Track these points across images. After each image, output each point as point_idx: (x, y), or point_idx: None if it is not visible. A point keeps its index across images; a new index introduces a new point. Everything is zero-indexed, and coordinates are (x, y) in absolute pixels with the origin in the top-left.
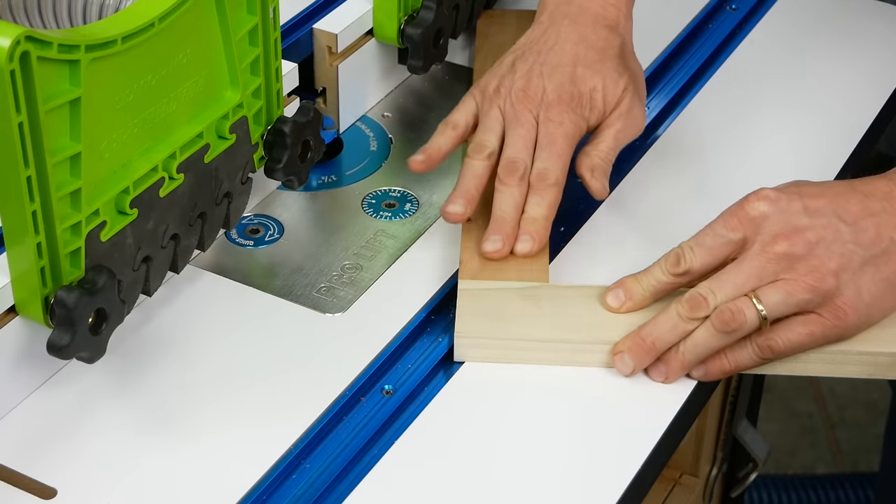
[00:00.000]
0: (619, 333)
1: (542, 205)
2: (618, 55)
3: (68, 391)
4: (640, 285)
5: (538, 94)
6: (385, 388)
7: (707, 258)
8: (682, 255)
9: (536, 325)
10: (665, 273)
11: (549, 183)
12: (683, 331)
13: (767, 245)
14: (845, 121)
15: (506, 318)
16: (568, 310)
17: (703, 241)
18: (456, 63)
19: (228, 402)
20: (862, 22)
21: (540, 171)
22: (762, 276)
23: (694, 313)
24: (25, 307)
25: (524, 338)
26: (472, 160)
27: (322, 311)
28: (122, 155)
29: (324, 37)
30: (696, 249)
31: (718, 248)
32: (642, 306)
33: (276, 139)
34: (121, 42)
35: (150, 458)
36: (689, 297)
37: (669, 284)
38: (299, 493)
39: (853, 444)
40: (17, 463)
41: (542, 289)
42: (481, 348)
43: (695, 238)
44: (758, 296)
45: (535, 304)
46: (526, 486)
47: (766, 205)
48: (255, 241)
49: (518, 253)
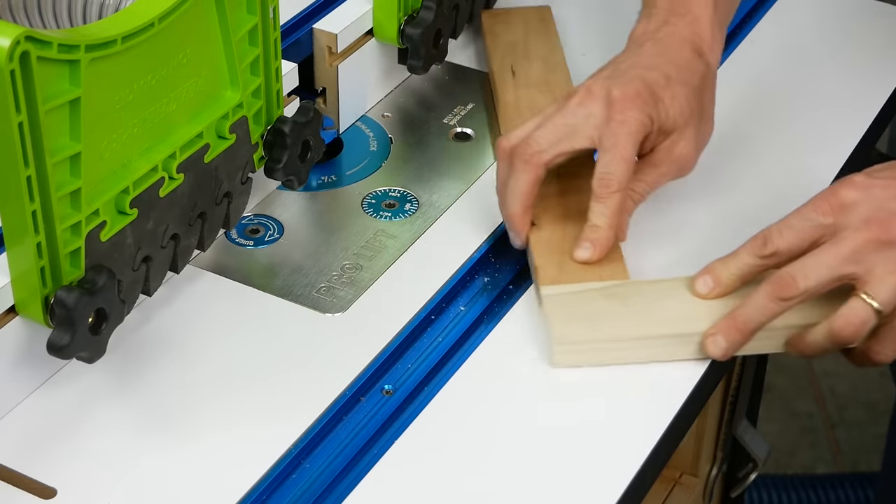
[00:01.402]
0: (711, 322)
1: (604, 213)
2: (698, 83)
3: (68, 391)
4: (727, 270)
5: (602, 94)
6: (385, 388)
7: (795, 240)
8: (770, 238)
9: (629, 324)
10: (752, 256)
11: (611, 190)
12: (771, 311)
13: (860, 229)
14: (845, 121)
15: (598, 320)
16: (656, 304)
17: (792, 223)
18: (456, 63)
19: (228, 402)
20: (862, 22)
21: (602, 176)
22: (856, 260)
23: (783, 293)
24: (25, 307)
25: (619, 338)
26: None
27: (322, 311)
28: (122, 155)
29: (324, 37)
30: (784, 231)
31: (807, 230)
32: (731, 291)
33: (276, 139)
34: (121, 42)
35: (150, 457)
36: (777, 278)
37: (757, 267)
38: (299, 493)
39: (853, 444)
40: (17, 463)
41: (625, 286)
42: (578, 353)
43: (783, 220)
44: (866, 292)
45: (622, 303)
46: (526, 486)
47: (858, 191)
48: (255, 241)
49: (577, 259)
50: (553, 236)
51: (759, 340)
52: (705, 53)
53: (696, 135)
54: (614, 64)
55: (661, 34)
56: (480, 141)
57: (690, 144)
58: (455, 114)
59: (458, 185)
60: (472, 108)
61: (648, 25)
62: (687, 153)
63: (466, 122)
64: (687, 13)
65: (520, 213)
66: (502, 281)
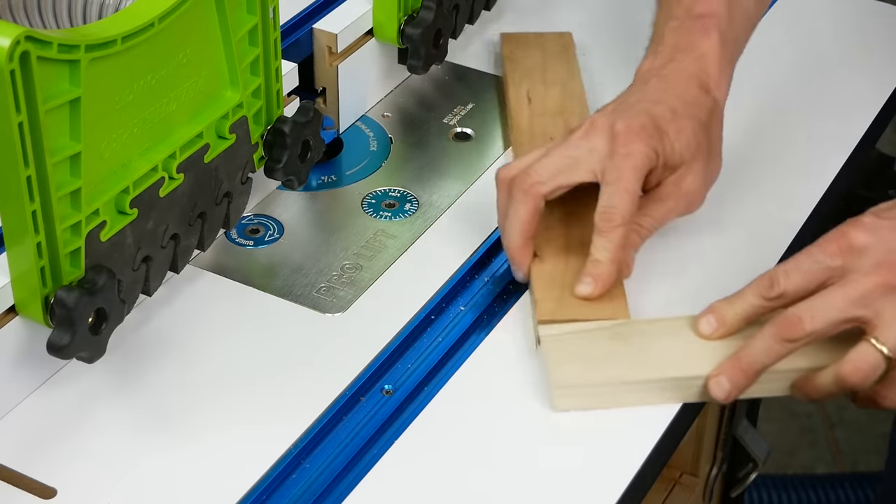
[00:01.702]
0: (715, 364)
1: (607, 248)
2: (705, 118)
3: (68, 391)
4: (732, 310)
5: (606, 127)
6: (385, 388)
7: (802, 282)
8: (776, 279)
9: (630, 367)
10: (757, 297)
11: (614, 224)
12: (777, 353)
13: (870, 273)
14: (845, 121)
15: (599, 363)
16: (658, 345)
17: (800, 265)
18: (456, 63)
19: (228, 402)
20: (862, 22)
21: (605, 209)
22: (864, 304)
23: (789, 334)
24: (25, 307)
25: (622, 381)
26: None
27: (322, 311)
28: (122, 155)
29: (324, 37)
30: (792, 274)
31: (815, 273)
32: (735, 331)
33: (276, 139)
34: (121, 42)
35: (150, 457)
36: (783, 319)
37: (762, 308)
38: (299, 493)
39: (853, 444)
40: (17, 463)
41: (626, 325)
42: (579, 397)
43: (790, 262)
44: (875, 338)
45: (624, 343)
46: (526, 486)
47: (868, 234)
48: (255, 241)
49: (578, 295)
50: (555, 269)
51: (763, 383)
52: (712, 90)
53: (704, 170)
54: (620, 99)
55: (666, 70)
56: (480, 141)
57: (699, 179)
58: (455, 114)
59: (458, 185)
60: (472, 108)
61: (654, 62)
62: (695, 188)
63: (466, 122)
64: (693, 49)
65: (520, 244)
66: (502, 281)
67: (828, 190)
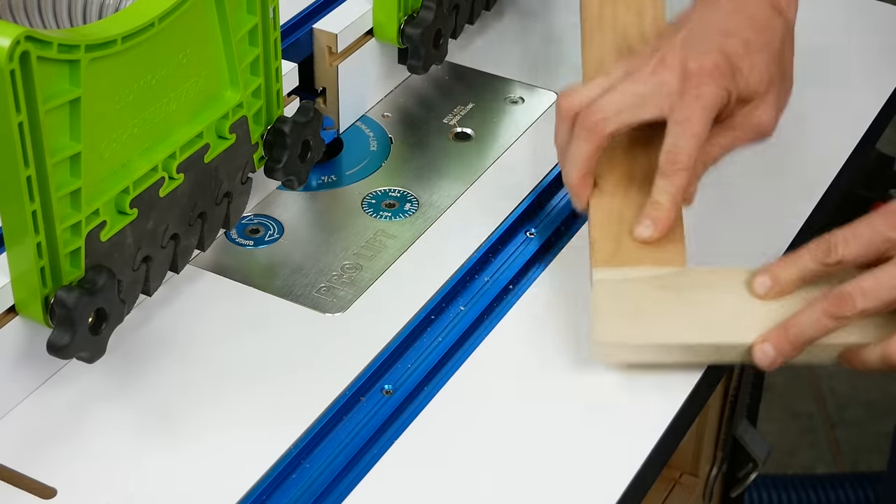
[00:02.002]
0: (762, 329)
1: (668, 190)
2: (778, 45)
3: (68, 391)
4: (787, 272)
5: (677, 65)
6: (385, 388)
7: (861, 250)
8: (836, 246)
9: (675, 328)
10: (815, 261)
11: (678, 167)
12: (826, 328)
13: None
14: (845, 121)
15: (644, 320)
16: (709, 302)
17: (861, 232)
18: (456, 63)
19: (228, 402)
20: (862, 22)
21: (670, 150)
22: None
23: (840, 311)
24: (25, 307)
25: (664, 343)
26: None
27: (322, 311)
28: (122, 155)
29: (324, 37)
30: (852, 241)
31: (875, 243)
32: (789, 293)
33: (276, 139)
34: (121, 42)
35: (150, 457)
36: (836, 294)
37: (819, 273)
38: (299, 493)
39: (853, 444)
40: (17, 463)
41: (681, 275)
42: (617, 353)
43: (850, 228)
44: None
45: (675, 296)
46: (526, 486)
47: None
48: (255, 241)
49: (637, 238)
50: (614, 203)
51: (810, 353)
52: (784, 10)
53: (776, 100)
54: (688, 26)
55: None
56: (480, 141)
57: (771, 110)
58: (455, 114)
59: (458, 185)
60: (472, 108)
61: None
62: (767, 119)
63: (466, 122)
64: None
65: (579, 180)
66: (502, 281)
67: (828, 190)
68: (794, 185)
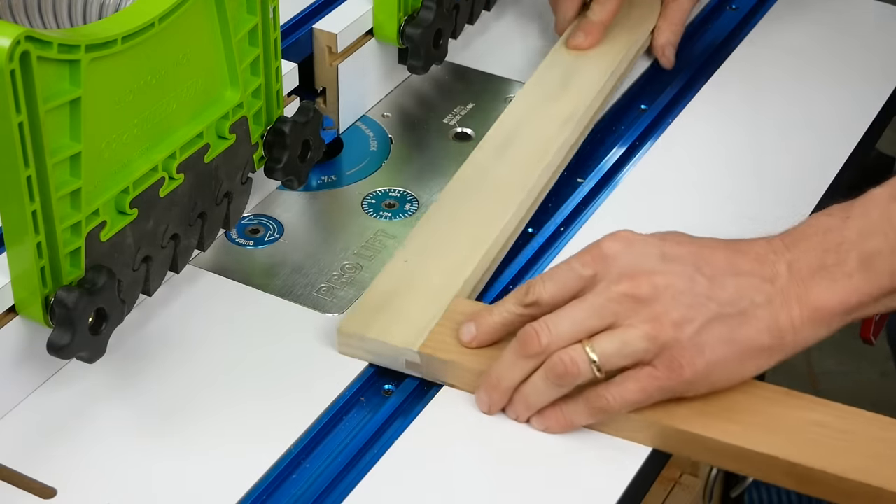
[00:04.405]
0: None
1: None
2: None
3: (68, 391)
4: (491, 317)
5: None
6: (385, 388)
7: (556, 291)
8: (533, 286)
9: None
10: (516, 304)
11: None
12: (521, 369)
13: (612, 284)
14: (845, 121)
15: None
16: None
17: (556, 273)
18: (456, 63)
19: (228, 401)
20: (862, 22)
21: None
22: (601, 315)
23: (525, 350)
24: (25, 307)
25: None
26: None
27: (322, 311)
28: (122, 155)
29: (324, 37)
30: (547, 282)
31: (568, 282)
32: (494, 339)
33: (276, 139)
34: (121, 42)
35: (150, 457)
36: (521, 333)
37: (521, 317)
38: (299, 493)
39: None
40: (17, 463)
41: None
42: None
43: (549, 270)
44: (592, 344)
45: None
46: (526, 486)
47: (621, 245)
48: (255, 241)
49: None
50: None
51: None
52: None
53: None
54: None
55: None
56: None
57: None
58: (455, 114)
59: None
60: (472, 108)
61: None
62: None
63: (466, 122)
64: None
65: None
66: (502, 281)
67: (828, 190)
68: (794, 185)
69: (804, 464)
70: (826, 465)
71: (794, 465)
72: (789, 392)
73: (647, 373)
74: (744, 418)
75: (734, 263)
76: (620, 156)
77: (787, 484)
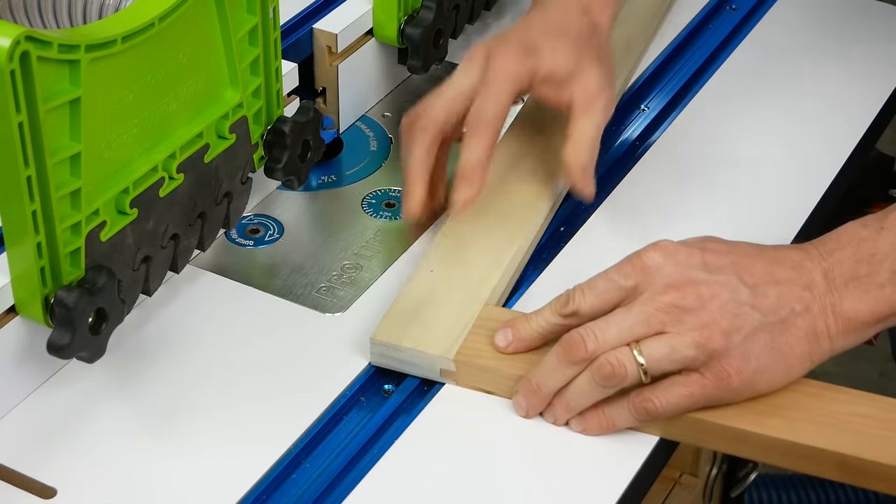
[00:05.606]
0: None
1: (478, 146)
2: (582, 35)
3: (68, 391)
4: (528, 325)
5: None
6: (385, 388)
7: (596, 301)
8: (572, 297)
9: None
10: (554, 314)
11: (483, 124)
12: (564, 374)
13: (658, 294)
14: (845, 121)
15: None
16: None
17: (595, 284)
18: (456, 63)
19: (228, 401)
20: (862, 22)
21: (475, 110)
22: (648, 323)
23: (571, 356)
24: (25, 307)
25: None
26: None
27: (322, 311)
28: (122, 155)
29: (324, 37)
30: (587, 292)
31: (609, 292)
32: (530, 347)
33: (276, 139)
34: (121, 42)
35: (150, 457)
36: (566, 339)
37: (558, 326)
38: (299, 493)
39: None
40: (17, 463)
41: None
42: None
43: (587, 281)
44: (640, 348)
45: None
46: (526, 486)
47: (663, 256)
48: (255, 241)
49: (452, 206)
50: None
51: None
52: (594, 14)
53: (602, 72)
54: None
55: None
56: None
57: (604, 83)
58: None
59: None
60: None
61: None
62: (602, 91)
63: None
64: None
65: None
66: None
67: (828, 190)
68: (794, 185)
69: (856, 455)
70: (877, 455)
71: (846, 457)
72: (831, 387)
73: (695, 379)
74: (791, 414)
75: (773, 272)
76: (620, 156)
77: (837, 477)
